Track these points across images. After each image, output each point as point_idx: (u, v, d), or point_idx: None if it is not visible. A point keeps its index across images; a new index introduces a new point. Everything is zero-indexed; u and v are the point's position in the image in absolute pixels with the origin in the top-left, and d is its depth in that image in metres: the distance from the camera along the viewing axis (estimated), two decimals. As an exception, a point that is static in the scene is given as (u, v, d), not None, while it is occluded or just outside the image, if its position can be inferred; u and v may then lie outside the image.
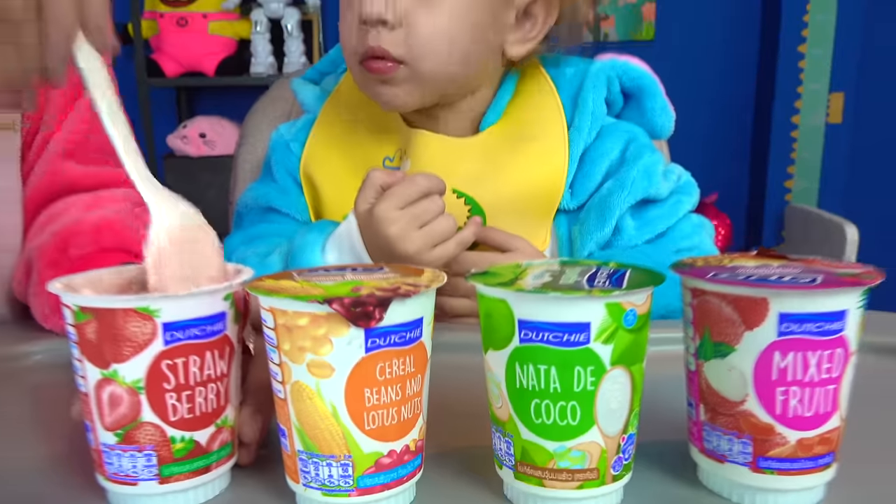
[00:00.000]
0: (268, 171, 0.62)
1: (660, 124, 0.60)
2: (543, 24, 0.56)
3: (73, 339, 0.29)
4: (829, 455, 0.28)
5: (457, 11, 0.51)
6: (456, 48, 0.52)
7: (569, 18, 0.58)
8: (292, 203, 0.59)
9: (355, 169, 0.57)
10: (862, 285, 0.26)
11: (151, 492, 0.29)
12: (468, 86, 0.56)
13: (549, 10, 0.56)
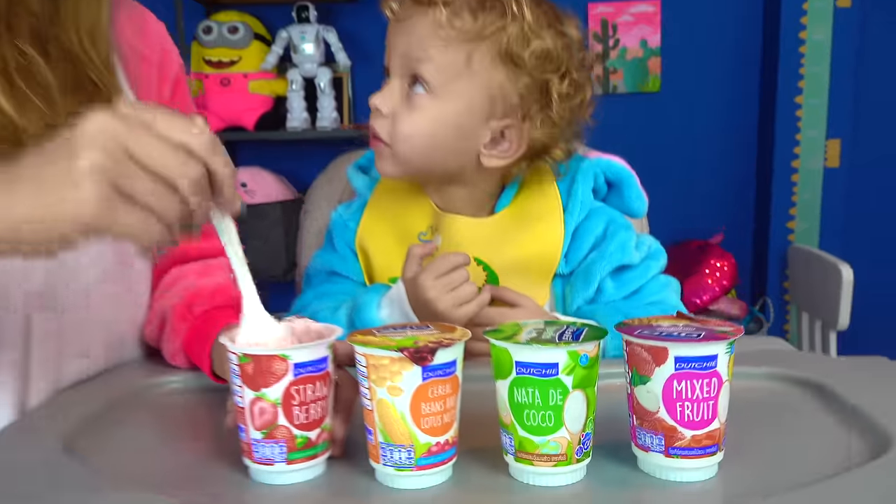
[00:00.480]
0: (330, 242, 0.79)
1: (635, 208, 0.76)
2: (517, 148, 0.71)
3: (236, 373, 0.45)
4: (715, 446, 0.44)
5: (434, 118, 0.68)
6: (428, 144, 0.69)
7: (539, 148, 0.71)
8: (350, 268, 0.76)
9: (398, 242, 0.74)
10: (727, 339, 0.42)
11: (282, 470, 0.46)
12: (449, 175, 0.72)
13: (520, 139, 0.70)
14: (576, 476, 0.44)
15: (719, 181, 2.64)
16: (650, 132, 2.62)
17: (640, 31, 2.57)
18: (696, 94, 2.58)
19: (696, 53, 2.56)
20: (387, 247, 0.75)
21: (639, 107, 2.62)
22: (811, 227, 2.55)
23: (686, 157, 2.63)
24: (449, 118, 0.68)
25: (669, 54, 2.57)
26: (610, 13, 2.56)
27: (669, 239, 2.61)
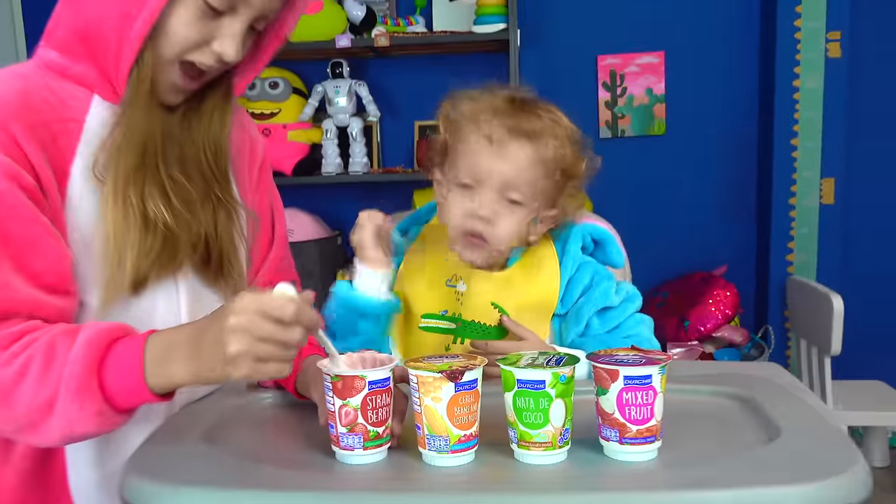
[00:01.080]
0: None
1: (616, 261, 0.98)
2: (551, 226, 0.96)
3: (329, 388, 0.67)
4: (653, 437, 0.64)
5: (520, 221, 0.90)
6: (513, 239, 0.91)
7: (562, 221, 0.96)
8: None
9: (429, 286, 0.95)
10: (659, 364, 0.63)
11: (359, 454, 0.67)
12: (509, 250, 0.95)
13: (556, 221, 0.95)
14: (559, 458, 0.65)
15: (722, 217, 2.81)
16: (657, 172, 2.81)
17: (646, 80, 2.78)
18: (699, 136, 2.76)
19: (697, 99, 2.75)
20: (419, 290, 0.97)
21: (646, 149, 2.82)
22: (809, 259, 2.70)
23: (690, 195, 2.81)
24: (528, 218, 0.91)
25: (673, 100, 2.76)
26: (618, 64, 2.78)
27: (675, 271, 2.80)
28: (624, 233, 2.69)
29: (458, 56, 2.77)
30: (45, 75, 0.78)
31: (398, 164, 2.84)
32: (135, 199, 0.76)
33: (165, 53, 0.76)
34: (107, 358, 0.68)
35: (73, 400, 0.66)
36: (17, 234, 0.71)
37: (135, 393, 0.68)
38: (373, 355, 0.71)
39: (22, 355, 0.68)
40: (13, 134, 0.72)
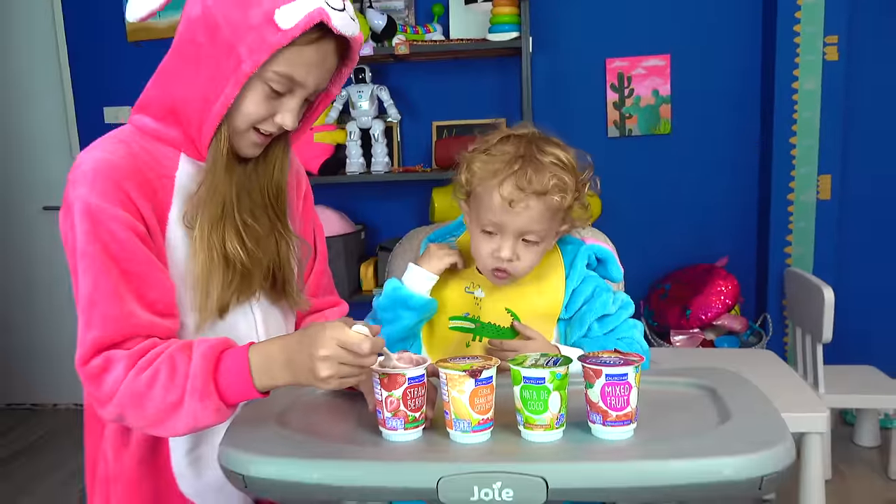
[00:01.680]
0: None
1: (614, 276, 1.16)
2: (562, 234, 1.13)
3: (377, 381, 0.86)
4: (629, 421, 0.83)
5: (539, 253, 1.08)
6: (532, 267, 1.09)
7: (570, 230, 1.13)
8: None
9: (452, 292, 1.14)
10: (634, 364, 0.82)
11: (401, 433, 0.86)
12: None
13: (566, 231, 1.12)
14: (556, 436, 0.84)
15: (724, 211, 2.96)
16: (662, 169, 2.97)
17: (652, 81, 2.93)
18: (703, 135, 2.92)
19: (701, 100, 2.89)
20: (445, 294, 1.15)
21: (652, 147, 2.97)
22: (806, 252, 2.85)
23: (694, 191, 2.96)
24: (547, 246, 1.10)
25: (678, 101, 2.91)
26: (625, 66, 2.93)
27: (679, 262, 2.97)
28: (630, 226, 2.90)
29: (473, 60, 2.93)
30: (141, 138, 0.96)
31: (417, 164, 3.01)
32: (217, 243, 0.94)
33: (239, 126, 0.93)
34: (219, 367, 0.87)
35: (198, 401, 0.86)
36: (136, 272, 0.89)
37: (244, 392, 0.88)
38: (409, 356, 0.90)
39: (150, 368, 0.86)
40: (127, 192, 0.90)
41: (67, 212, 0.91)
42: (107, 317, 0.88)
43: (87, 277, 0.88)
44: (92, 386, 0.88)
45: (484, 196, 1.05)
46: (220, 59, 0.88)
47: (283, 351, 0.86)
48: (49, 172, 3.28)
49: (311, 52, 0.90)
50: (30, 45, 3.19)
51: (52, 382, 3.45)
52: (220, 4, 0.87)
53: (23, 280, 3.39)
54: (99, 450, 1.01)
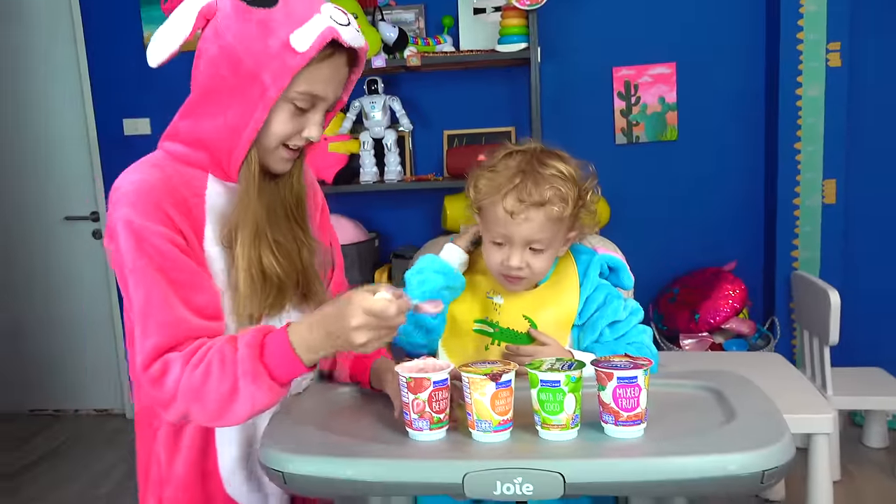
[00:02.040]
0: None
1: (625, 284, 1.23)
2: (572, 242, 1.19)
3: (404, 385, 0.92)
4: (639, 421, 0.89)
5: (548, 258, 1.14)
6: (546, 269, 1.15)
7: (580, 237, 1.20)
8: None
9: (473, 298, 1.20)
10: (643, 368, 0.88)
11: (427, 433, 0.92)
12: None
13: (576, 238, 1.19)
14: (571, 436, 0.90)
15: (731, 216, 3.01)
16: (669, 175, 3.02)
17: (658, 89, 2.99)
18: (709, 141, 2.97)
19: (707, 107, 2.95)
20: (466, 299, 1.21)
21: (659, 154, 3.03)
22: (813, 256, 2.89)
23: (701, 196, 3.01)
24: (555, 252, 1.16)
25: (684, 108, 2.97)
26: (632, 75, 2.99)
27: (687, 267, 3.02)
28: (639, 231, 2.95)
29: (483, 70, 3.00)
30: (172, 162, 1.02)
31: (430, 172, 3.08)
32: (255, 260, 1.01)
33: (269, 145, 1.00)
34: (264, 350, 0.93)
35: (251, 384, 0.92)
36: (182, 280, 0.96)
37: (292, 369, 0.93)
38: (434, 362, 0.96)
39: (202, 363, 0.93)
40: (166, 210, 0.97)
41: (112, 233, 0.97)
42: (161, 324, 0.94)
43: (139, 291, 0.95)
44: (155, 389, 0.94)
45: (490, 210, 1.13)
46: (245, 89, 0.95)
47: (320, 325, 0.92)
48: (70, 183, 3.37)
49: (326, 67, 0.97)
50: (51, 59, 3.28)
51: (74, 388, 3.54)
52: (238, 39, 0.94)
53: (44, 288, 3.48)
54: (152, 453, 1.08)
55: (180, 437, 1.05)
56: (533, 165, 1.12)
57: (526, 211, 1.10)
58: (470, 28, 2.96)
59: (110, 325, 3.45)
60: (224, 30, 0.95)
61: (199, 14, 0.96)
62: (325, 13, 0.96)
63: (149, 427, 1.08)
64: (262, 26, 0.93)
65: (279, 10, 0.94)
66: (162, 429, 1.06)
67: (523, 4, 2.62)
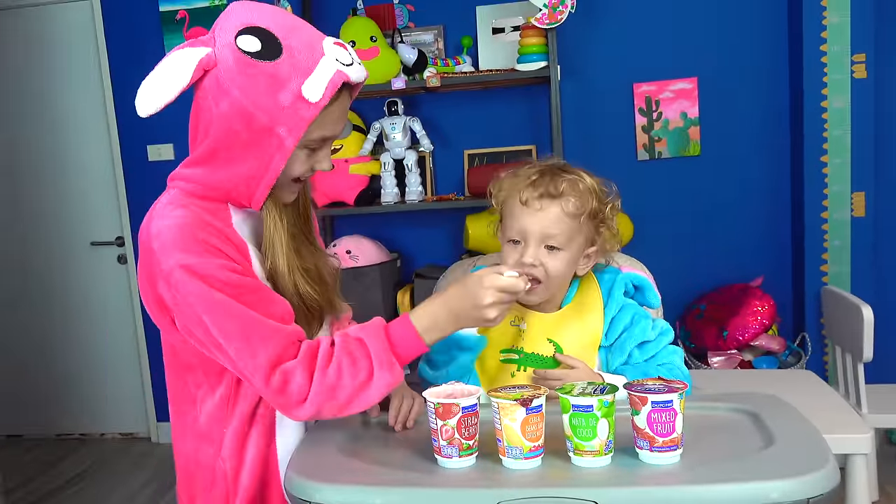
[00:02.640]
0: None
1: (653, 302, 1.20)
2: (594, 260, 1.18)
3: (431, 411, 0.91)
4: (676, 446, 0.86)
5: (565, 261, 1.12)
6: (563, 275, 1.14)
7: (602, 255, 1.19)
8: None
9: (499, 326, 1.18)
10: (678, 392, 0.85)
11: (456, 461, 0.90)
12: (562, 289, 1.17)
13: (598, 255, 1.18)
14: (605, 462, 0.88)
15: (757, 231, 2.96)
16: (693, 191, 2.99)
17: (680, 104, 2.96)
18: (733, 155, 2.93)
19: (730, 121, 2.91)
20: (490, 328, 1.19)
21: (682, 169, 2.99)
22: (843, 270, 2.83)
23: (727, 211, 2.97)
24: (572, 258, 1.14)
25: (707, 123, 2.93)
26: (653, 91, 2.97)
27: (714, 283, 2.97)
28: (664, 248, 2.92)
29: (502, 90, 3.00)
30: (192, 199, 1.01)
31: (451, 192, 3.08)
32: (293, 293, 1.04)
33: (284, 183, 1.02)
34: (391, 340, 0.98)
35: (387, 371, 0.97)
36: (257, 299, 0.97)
37: (416, 351, 0.99)
38: (462, 387, 0.95)
39: (331, 365, 0.96)
40: (212, 244, 0.96)
41: (168, 281, 0.95)
42: (263, 339, 0.95)
43: (229, 322, 0.94)
44: (280, 398, 0.96)
45: (507, 207, 1.15)
46: (261, 142, 0.95)
47: (445, 307, 0.99)
48: (96, 209, 3.41)
49: (336, 108, 0.98)
50: (77, 87, 3.34)
51: (99, 412, 3.56)
52: (247, 94, 0.93)
53: (70, 312, 3.52)
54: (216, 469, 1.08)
55: (245, 447, 1.07)
56: (553, 170, 1.14)
57: (540, 200, 1.11)
58: (489, 48, 2.97)
59: (135, 349, 3.47)
60: (229, 84, 0.93)
61: (199, 65, 0.94)
62: (330, 55, 0.95)
63: (210, 446, 1.08)
64: (271, 80, 0.93)
65: (285, 62, 0.93)
66: (226, 445, 1.06)
67: (542, 23, 2.62)
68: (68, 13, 3.29)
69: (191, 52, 0.94)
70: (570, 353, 1.15)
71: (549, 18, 2.61)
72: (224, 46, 0.94)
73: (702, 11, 2.88)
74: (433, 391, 0.93)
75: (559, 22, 2.60)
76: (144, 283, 1.00)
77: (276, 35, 0.94)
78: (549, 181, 1.11)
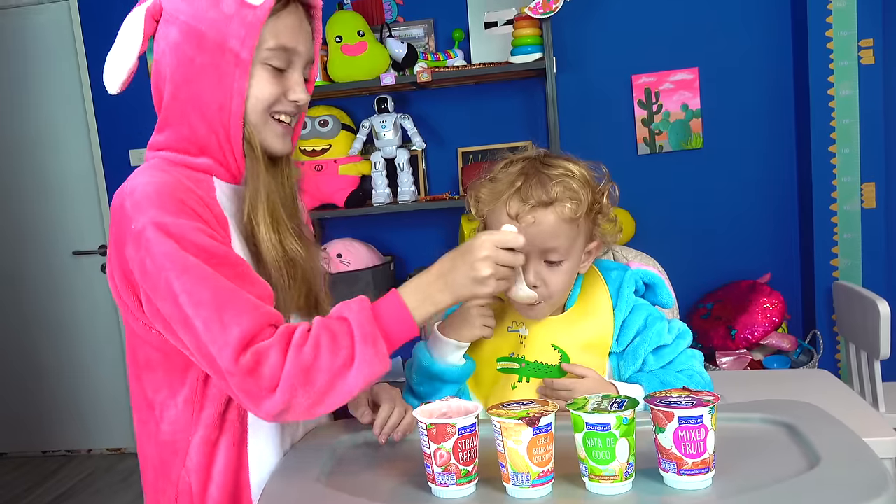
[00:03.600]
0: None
1: (666, 302, 1.08)
2: (595, 255, 1.07)
3: (423, 433, 0.79)
4: (707, 468, 0.74)
5: (567, 271, 1.01)
6: (568, 287, 1.03)
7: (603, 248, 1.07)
8: None
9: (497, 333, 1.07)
10: (709, 405, 0.74)
11: (453, 490, 0.79)
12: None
13: (599, 249, 1.06)
14: (625, 488, 0.76)
15: (764, 225, 2.85)
16: (696, 184, 2.88)
17: (681, 96, 2.85)
18: (737, 147, 2.82)
19: (733, 112, 2.80)
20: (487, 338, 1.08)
21: (684, 163, 2.88)
22: (854, 263, 2.73)
23: (731, 205, 2.86)
24: (574, 266, 1.03)
25: (709, 114, 2.83)
26: (652, 82, 2.86)
27: (720, 280, 2.86)
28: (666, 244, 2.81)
29: (496, 84, 2.89)
30: (174, 167, 0.95)
31: (445, 191, 2.96)
32: (277, 246, 0.96)
33: (258, 118, 0.94)
34: (378, 313, 0.88)
35: (370, 347, 0.85)
36: (237, 273, 0.88)
37: (406, 330, 0.89)
38: (458, 404, 0.83)
39: (308, 342, 0.85)
40: (192, 207, 0.89)
41: (138, 241, 0.87)
42: (240, 312, 0.85)
43: (201, 287, 0.85)
44: (249, 382, 0.83)
45: (493, 221, 1.02)
46: (217, 62, 0.91)
47: (437, 275, 0.90)
48: (78, 217, 3.29)
49: (287, 16, 0.94)
50: (55, 90, 3.22)
51: (85, 428, 3.43)
52: (191, 15, 0.91)
53: (53, 325, 3.39)
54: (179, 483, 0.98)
55: (213, 459, 0.96)
56: (537, 168, 1.01)
57: (532, 212, 0.98)
58: (481, 41, 2.86)
59: (121, 362, 3.34)
60: (174, 13, 0.92)
61: (147, 15, 0.93)
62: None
63: (174, 457, 0.97)
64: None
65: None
66: (192, 455, 0.96)
67: (536, 13, 2.51)
68: (45, 15, 3.17)
69: (137, 9, 0.94)
70: (578, 360, 1.03)
71: (544, 8, 2.50)
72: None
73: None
74: (425, 409, 0.82)
75: (554, 11, 2.49)
76: (112, 252, 0.91)
77: None
78: (537, 185, 0.99)
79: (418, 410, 0.81)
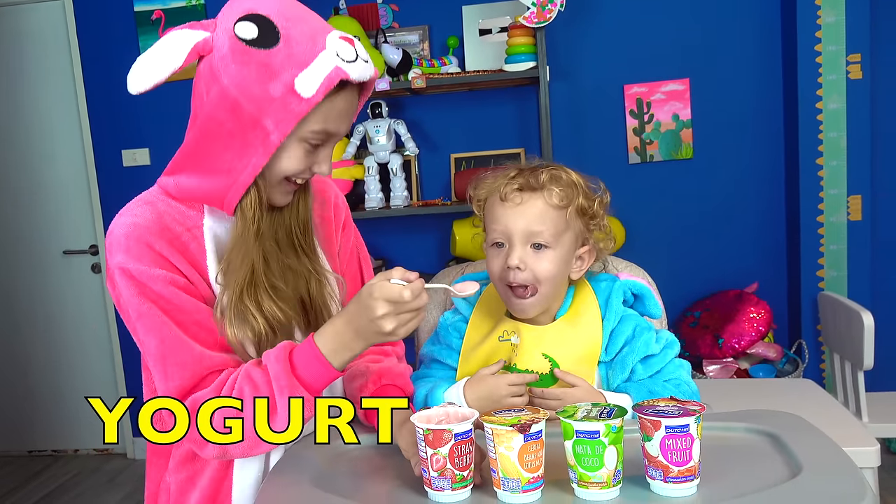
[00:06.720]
0: (437, 336, 1.15)
1: (654, 312, 1.10)
2: (588, 262, 1.09)
3: (421, 438, 0.81)
4: (692, 476, 0.77)
5: (555, 261, 1.03)
6: (556, 277, 1.05)
7: (595, 256, 1.10)
8: (447, 357, 1.12)
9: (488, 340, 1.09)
10: (695, 415, 0.76)
11: (448, 494, 0.80)
12: (557, 297, 1.08)
13: (591, 256, 1.09)
14: (613, 495, 0.78)
15: (751, 235, 2.89)
16: (686, 194, 2.91)
17: (672, 106, 2.89)
18: (727, 158, 2.86)
19: (724, 123, 2.84)
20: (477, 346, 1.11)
21: (674, 172, 2.92)
22: (839, 275, 2.77)
23: (720, 215, 2.90)
24: (562, 257, 1.05)
25: (700, 125, 2.87)
26: (644, 92, 2.89)
27: (708, 289, 2.90)
28: (656, 253, 2.84)
29: (490, 91, 2.91)
30: (165, 198, 0.98)
31: (437, 197, 2.98)
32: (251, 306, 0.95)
33: (274, 181, 0.95)
34: (294, 363, 0.90)
35: (288, 399, 0.88)
36: (190, 321, 0.92)
37: (325, 375, 0.90)
38: (455, 410, 0.85)
39: (233, 393, 0.90)
40: (159, 251, 0.92)
41: (111, 279, 0.95)
42: (181, 364, 0.91)
43: (150, 336, 0.91)
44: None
45: (489, 208, 1.08)
46: (245, 134, 0.90)
47: (348, 324, 0.90)
48: (70, 216, 3.28)
49: (340, 101, 0.92)
50: (49, 89, 3.21)
51: (73, 428, 3.42)
52: (236, 83, 0.88)
53: (42, 324, 3.38)
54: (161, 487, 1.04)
55: (195, 468, 1.00)
56: (532, 167, 1.08)
57: (521, 194, 1.04)
58: (476, 48, 2.88)
59: (110, 362, 3.34)
60: (221, 72, 0.89)
61: (193, 48, 0.90)
62: (331, 49, 0.89)
63: (163, 459, 1.03)
64: (263, 69, 0.87)
65: (280, 51, 0.87)
66: (173, 461, 1.01)
67: (531, 22, 2.54)
68: (39, 13, 3.17)
69: (188, 35, 0.91)
70: (568, 369, 1.05)
71: (538, 17, 2.53)
72: (222, 32, 0.90)
73: (694, 10, 2.82)
74: (422, 415, 0.84)
75: (548, 21, 2.52)
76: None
77: (276, 23, 0.88)
78: (530, 174, 1.06)
79: (416, 416, 0.83)
